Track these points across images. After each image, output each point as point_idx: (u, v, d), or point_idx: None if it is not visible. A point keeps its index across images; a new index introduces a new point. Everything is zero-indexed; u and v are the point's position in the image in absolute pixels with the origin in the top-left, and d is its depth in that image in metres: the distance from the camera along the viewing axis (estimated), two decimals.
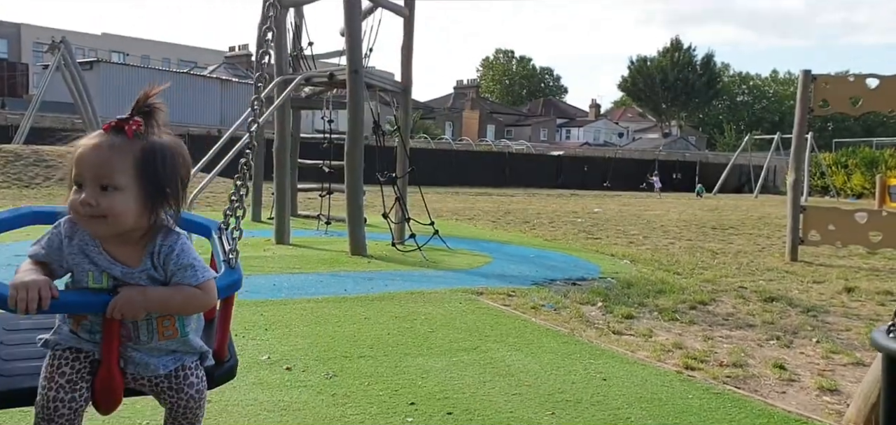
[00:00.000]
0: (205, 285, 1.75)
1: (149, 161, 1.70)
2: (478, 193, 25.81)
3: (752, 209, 21.09)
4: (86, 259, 1.73)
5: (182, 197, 1.79)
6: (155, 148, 1.73)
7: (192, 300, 1.75)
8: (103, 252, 1.72)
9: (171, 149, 1.76)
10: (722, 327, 4.90)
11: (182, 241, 1.77)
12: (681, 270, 7.54)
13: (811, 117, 9.12)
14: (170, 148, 1.76)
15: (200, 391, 1.86)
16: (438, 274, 6.69)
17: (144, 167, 1.69)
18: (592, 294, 5.79)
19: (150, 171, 1.70)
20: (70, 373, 1.74)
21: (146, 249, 1.74)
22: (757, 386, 3.59)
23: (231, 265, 1.97)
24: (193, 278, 1.73)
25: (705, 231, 12.94)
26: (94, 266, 1.72)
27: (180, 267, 1.73)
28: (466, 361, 3.75)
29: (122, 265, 1.72)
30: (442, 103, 75.92)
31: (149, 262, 1.73)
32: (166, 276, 1.74)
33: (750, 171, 37.58)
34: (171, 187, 1.74)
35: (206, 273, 1.77)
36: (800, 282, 7.08)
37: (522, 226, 12.90)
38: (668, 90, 72.39)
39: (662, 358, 3.99)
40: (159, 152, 1.73)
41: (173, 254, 1.74)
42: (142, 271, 1.72)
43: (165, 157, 1.73)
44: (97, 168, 1.66)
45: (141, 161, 1.69)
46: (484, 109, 74.27)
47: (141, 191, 1.69)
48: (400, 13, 8.92)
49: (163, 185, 1.72)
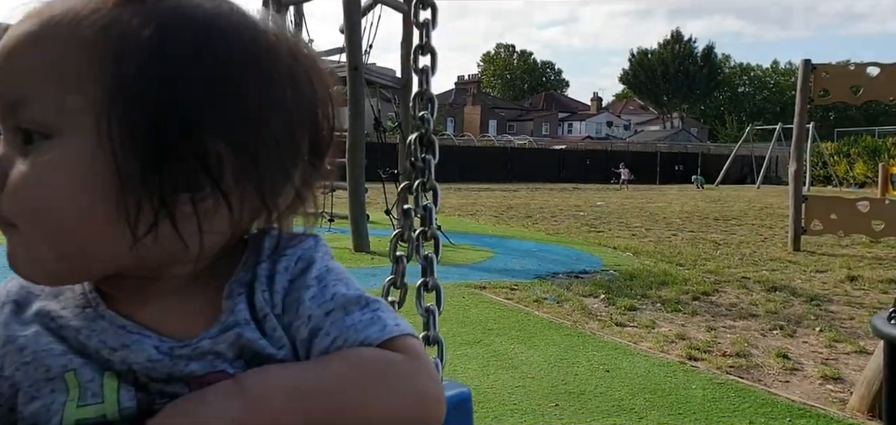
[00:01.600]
0: (406, 343, 0.63)
1: (151, 52, 0.56)
2: (480, 189, 25.83)
3: (754, 200, 21.07)
4: (59, 345, 0.60)
5: (279, 175, 0.62)
6: (181, 15, 0.58)
7: (386, 379, 0.60)
8: (107, 312, 0.61)
9: (241, 26, 0.60)
10: (725, 317, 4.91)
11: (324, 250, 0.68)
12: (683, 262, 7.55)
13: (812, 107, 9.11)
14: (238, 24, 0.60)
15: None
16: (441, 269, 6.65)
17: (136, 72, 0.55)
18: (595, 286, 5.80)
19: (148, 84, 0.55)
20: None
21: (231, 284, 0.62)
22: (760, 375, 3.60)
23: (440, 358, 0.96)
24: (375, 327, 0.62)
25: (708, 222, 12.94)
26: (79, 359, 0.59)
27: (336, 305, 0.63)
28: (470, 354, 3.77)
29: (159, 336, 0.60)
30: (443, 99, 75.89)
31: (244, 310, 0.61)
32: (296, 343, 0.62)
33: (752, 162, 37.52)
34: (229, 135, 0.57)
35: (401, 323, 0.64)
36: (802, 271, 7.08)
37: (525, 220, 12.91)
38: (670, 82, 72.28)
39: (665, 348, 4.01)
40: (184, 26, 0.57)
41: (311, 275, 0.64)
42: (221, 335, 0.60)
43: (200, 43, 0.57)
44: (9, 85, 0.57)
45: (125, 52, 0.55)
46: (485, 104, 74.27)
47: (114, 143, 0.55)
48: (399, 9, 8.93)
49: (191, 127, 0.56)
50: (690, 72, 72.21)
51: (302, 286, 0.62)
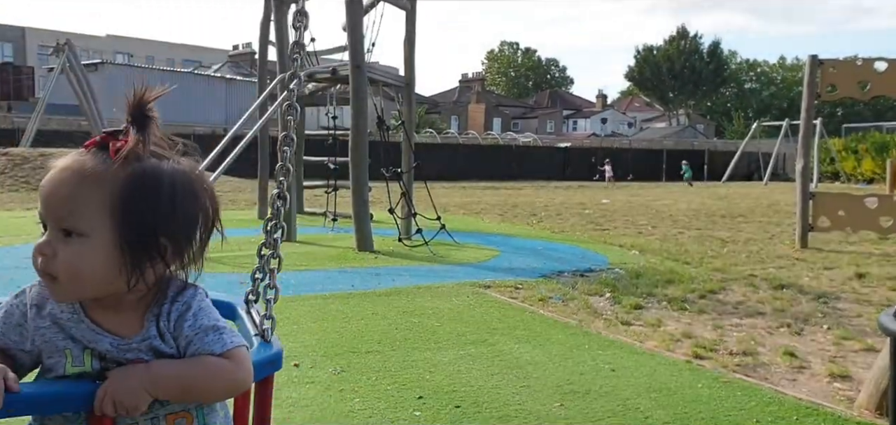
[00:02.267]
0: (235, 354, 1.19)
1: (132, 194, 1.14)
2: (484, 187, 25.78)
3: (761, 196, 20.98)
4: (61, 334, 1.18)
5: (195, 252, 1.22)
6: (146, 175, 1.15)
7: (219, 375, 1.18)
8: (85, 318, 1.18)
9: (173, 178, 1.18)
10: (732, 316, 4.87)
11: (199, 297, 1.24)
12: (690, 260, 7.50)
13: (819, 103, 9.05)
14: (172, 176, 1.18)
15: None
16: (445, 268, 6.68)
17: (125, 203, 1.13)
18: (601, 285, 5.77)
19: (131, 210, 1.14)
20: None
21: (149, 312, 1.20)
22: (767, 373, 3.57)
23: (266, 338, 1.46)
24: (218, 344, 1.18)
25: (714, 219, 12.88)
26: (71, 342, 1.17)
27: (200, 330, 1.19)
28: (474, 354, 3.74)
29: (111, 335, 1.17)
30: (447, 97, 75.86)
31: (153, 329, 1.19)
32: (179, 349, 1.20)
33: (759, 159, 37.36)
34: (169, 235, 1.17)
35: (237, 339, 1.22)
36: (810, 268, 7.03)
37: (530, 218, 12.88)
38: (675, 79, 72.04)
39: (672, 347, 3.97)
40: (151, 181, 1.16)
41: (189, 313, 1.20)
42: (142, 341, 1.17)
43: (161, 190, 1.16)
44: (58, 205, 1.13)
45: (121, 194, 1.13)
46: (489, 102, 74.17)
47: (116, 240, 1.13)
48: (401, 7, 8.90)
49: (152, 232, 1.15)
50: (696, 68, 71.96)
51: (184, 319, 1.20)
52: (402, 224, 8.68)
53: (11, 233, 8.44)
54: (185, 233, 1.20)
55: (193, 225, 1.21)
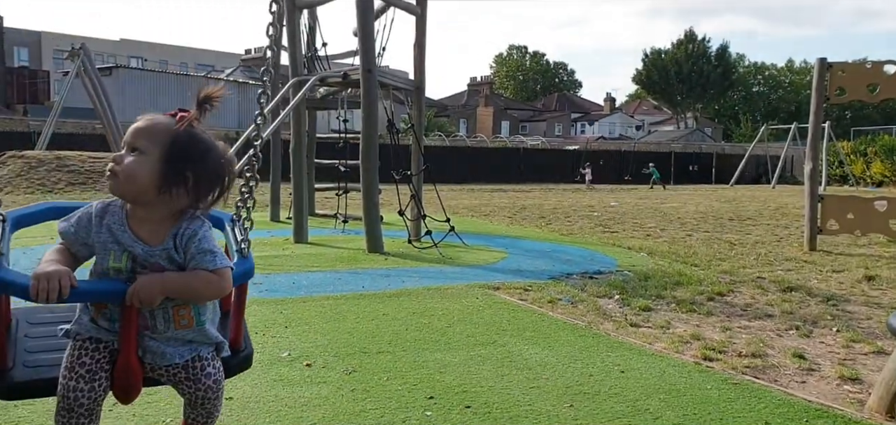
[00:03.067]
0: (221, 271, 1.80)
1: (180, 142, 1.80)
2: (493, 189, 25.80)
3: (769, 199, 20.91)
4: (111, 237, 1.78)
5: (208, 195, 1.86)
6: (193, 135, 1.82)
7: (209, 285, 1.78)
8: (128, 230, 1.79)
9: (208, 143, 1.85)
10: (740, 318, 4.88)
11: (205, 228, 1.84)
12: (698, 262, 7.51)
13: (828, 106, 9.03)
14: (208, 142, 1.85)
15: (218, 381, 1.90)
16: (455, 270, 6.71)
17: (173, 145, 1.79)
18: (609, 287, 5.79)
19: (176, 150, 1.78)
20: (90, 363, 1.78)
21: (169, 231, 1.80)
22: (776, 375, 3.58)
23: (244, 254, 2.02)
24: (212, 263, 1.78)
25: (723, 222, 12.86)
26: (116, 245, 1.78)
27: (200, 251, 1.78)
28: (484, 355, 3.77)
29: (143, 243, 1.78)
30: (456, 100, 75.89)
31: (171, 243, 1.78)
32: (185, 260, 1.79)
33: (767, 162, 37.22)
34: (194, 175, 1.80)
35: (224, 261, 1.82)
36: (819, 271, 7.02)
37: (538, 221, 12.89)
38: (683, 82, 71.81)
39: (680, 349, 3.99)
40: (195, 140, 1.82)
41: (195, 238, 1.79)
42: (163, 250, 1.78)
43: (198, 147, 1.82)
44: (136, 133, 1.79)
45: (173, 139, 1.79)
46: (498, 106, 74.16)
47: (160, 163, 1.77)
48: (412, 12, 8.95)
49: (184, 168, 1.79)
50: (704, 71, 71.70)
51: (191, 241, 1.80)
52: (412, 226, 8.73)
53: (28, 236, 8.50)
54: (206, 181, 1.84)
55: (213, 180, 1.86)
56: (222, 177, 1.88)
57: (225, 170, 1.88)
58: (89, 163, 18.24)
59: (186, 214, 1.83)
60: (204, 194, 1.84)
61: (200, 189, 1.82)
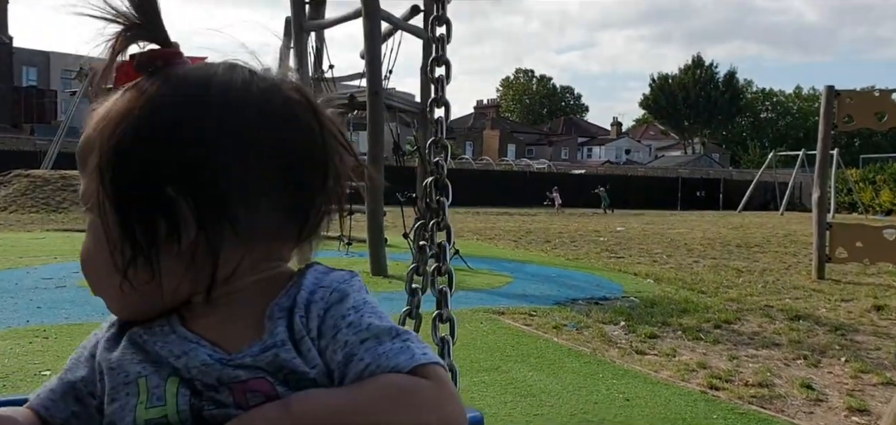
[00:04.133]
0: (433, 371, 0.71)
1: (137, 122, 0.71)
2: (498, 213, 25.80)
3: (777, 226, 20.82)
4: (137, 355, 0.74)
5: (263, 211, 0.74)
6: (166, 85, 0.74)
7: (413, 402, 0.68)
8: (178, 326, 0.75)
9: (203, 80, 0.75)
10: (747, 346, 4.83)
11: (358, 283, 0.78)
12: (705, 289, 7.46)
13: (836, 133, 9.01)
14: (202, 78, 0.75)
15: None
16: (459, 294, 6.68)
17: (123, 141, 0.71)
18: (615, 313, 5.75)
19: (130, 151, 0.71)
20: None
21: (274, 304, 0.74)
22: (783, 406, 3.53)
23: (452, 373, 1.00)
24: (404, 355, 0.70)
25: (730, 249, 12.79)
26: (151, 365, 0.73)
27: (367, 334, 0.71)
28: (488, 381, 3.73)
29: (213, 345, 0.72)
30: (462, 123, 76.18)
31: (282, 330, 0.72)
32: (329, 366, 0.72)
33: (775, 188, 37.12)
34: (182, 177, 0.70)
35: (427, 350, 0.73)
36: (827, 300, 6.96)
37: (544, 245, 12.86)
38: (691, 107, 71.96)
39: (686, 377, 3.95)
40: (170, 95, 0.73)
41: (345, 305, 0.74)
42: (262, 352, 0.71)
43: (185, 105, 0.72)
44: (79, 167, 0.80)
45: (121, 129, 0.72)
46: (504, 129, 74.42)
47: (110, 209, 0.71)
48: (419, 35, 9.00)
49: (157, 185, 0.70)
50: (712, 97, 71.86)
51: (338, 315, 0.72)
52: None
53: (31, 254, 8.56)
54: (235, 186, 0.73)
55: (269, 164, 0.75)
56: (286, 146, 0.75)
57: (285, 125, 0.75)
58: None
59: (302, 271, 0.78)
60: (262, 212, 0.74)
61: (244, 204, 0.73)
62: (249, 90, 0.75)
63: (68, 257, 6.86)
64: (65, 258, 7.01)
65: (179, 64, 0.76)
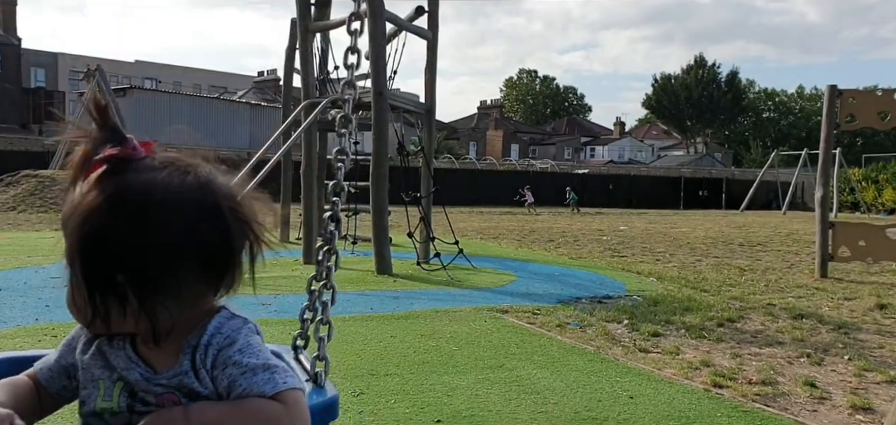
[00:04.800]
0: (289, 396, 1.01)
1: (94, 222, 0.97)
2: (502, 212, 25.81)
3: (780, 225, 20.81)
4: (98, 360, 1.08)
5: (183, 285, 1.01)
6: (112, 195, 0.98)
7: (270, 420, 1.00)
8: (127, 348, 1.06)
9: (143, 190, 0.99)
10: (750, 344, 4.85)
11: (248, 331, 1.07)
12: (708, 287, 7.48)
13: (838, 132, 9.02)
14: (142, 189, 0.99)
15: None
16: (463, 292, 6.71)
17: (85, 236, 0.98)
18: (618, 312, 5.77)
19: (90, 244, 0.98)
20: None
21: (187, 343, 1.04)
22: (787, 404, 3.55)
23: (318, 383, 1.30)
24: (270, 385, 1.01)
25: (733, 248, 12.80)
26: (106, 371, 1.07)
27: (248, 368, 1.01)
28: (492, 379, 3.76)
29: (144, 367, 1.05)
30: (466, 123, 76.19)
31: (187, 363, 1.03)
32: (218, 387, 1.03)
33: (777, 188, 37.08)
34: (131, 272, 0.97)
35: (292, 379, 1.03)
36: (830, 298, 6.97)
37: (547, 244, 12.88)
38: (693, 107, 71.90)
39: (690, 375, 3.97)
40: (116, 203, 0.98)
41: (233, 348, 1.03)
42: (173, 376, 1.03)
43: (125, 212, 0.97)
44: None
45: (84, 223, 0.98)
46: (508, 129, 74.39)
47: (78, 277, 1.00)
48: (423, 36, 9.03)
49: (107, 271, 0.97)
50: (714, 97, 71.80)
51: (227, 355, 1.03)
52: (421, 248, 8.74)
53: (40, 254, 8.61)
54: (161, 262, 1.00)
55: (179, 249, 1.02)
56: (204, 236, 1.01)
57: (203, 219, 1.01)
58: None
59: (206, 313, 1.06)
60: (182, 286, 1.01)
61: (165, 285, 0.99)
62: (178, 196, 1.01)
63: None
64: None
65: (132, 157, 1.03)
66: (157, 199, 0.99)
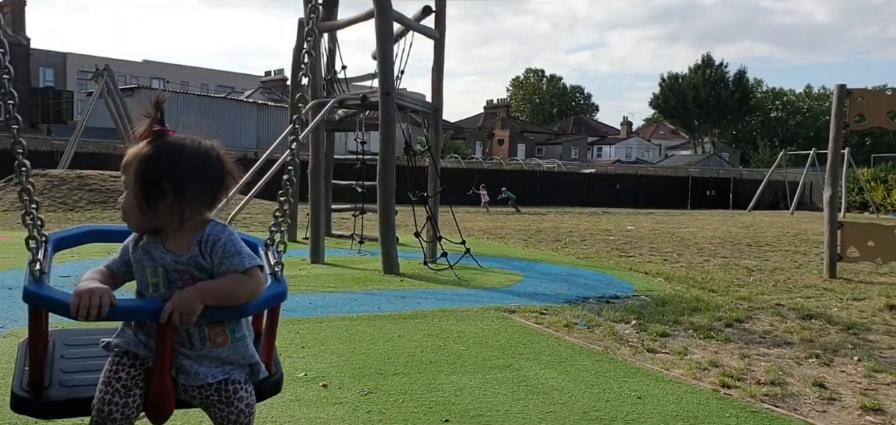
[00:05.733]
0: (251, 271, 1.83)
1: (149, 158, 1.81)
2: (508, 212, 25.78)
3: (788, 226, 20.71)
4: (145, 255, 1.86)
5: (200, 196, 1.86)
6: (159, 146, 1.82)
7: (242, 285, 1.81)
8: (159, 245, 1.85)
9: (177, 146, 1.85)
10: (759, 345, 4.83)
11: (229, 231, 1.88)
12: (716, 288, 7.45)
13: (847, 132, 8.97)
14: (176, 145, 1.85)
15: (250, 405, 1.91)
16: (470, 292, 6.71)
17: (143, 164, 1.80)
18: (626, 312, 5.76)
19: (146, 168, 1.80)
20: (126, 379, 1.82)
21: (194, 239, 1.84)
22: (796, 404, 3.54)
23: (277, 277, 2.01)
24: (240, 265, 1.82)
25: (740, 248, 12.76)
26: (150, 261, 1.85)
27: (227, 254, 1.83)
28: (500, 379, 3.76)
29: (172, 254, 1.83)
30: (472, 123, 76.15)
31: (197, 249, 1.83)
32: (213, 265, 1.83)
33: (785, 188, 36.90)
34: (172, 185, 1.80)
35: (253, 260, 1.85)
36: (839, 299, 6.94)
37: (554, 244, 12.86)
38: (701, 107, 71.66)
39: (698, 376, 3.96)
40: (161, 149, 1.82)
41: (220, 242, 1.83)
42: (190, 258, 1.83)
43: (168, 156, 1.82)
44: (122, 170, 1.87)
45: (142, 159, 1.81)
46: (514, 128, 74.32)
47: (137, 188, 1.80)
48: (430, 36, 9.03)
49: (158, 183, 1.79)
50: (722, 96, 71.53)
51: (219, 246, 1.84)
52: (428, 247, 8.74)
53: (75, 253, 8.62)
54: (190, 185, 1.86)
55: (198, 179, 1.88)
56: (208, 172, 1.87)
57: (208, 165, 1.88)
58: (110, 182, 18.46)
59: (208, 221, 1.88)
60: (195, 197, 1.84)
61: (187, 194, 1.82)
62: (196, 151, 1.89)
63: (86, 255, 6.92)
64: (82, 256, 7.08)
65: (166, 134, 1.86)
66: (185, 148, 1.87)
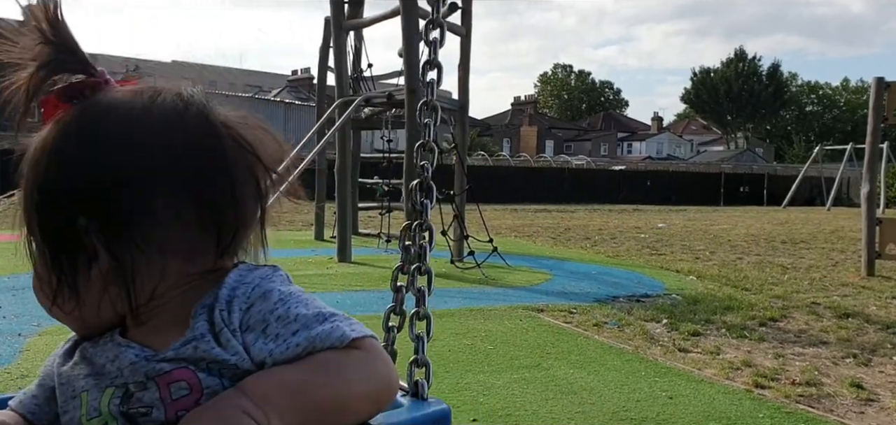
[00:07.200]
0: (365, 343, 0.80)
1: (34, 168, 0.79)
2: (537, 210, 25.65)
3: (824, 222, 20.28)
4: (85, 369, 0.82)
5: (175, 226, 0.80)
6: (52, 131, 0.79)
7: (356, 371, 0.78)
8: (115, 334, 0.83)
9: (118, 111, 0.80)
10: (794, 344, 4.72)
11: (279, 278, 0.85)
12: (749, 286, 7.31)
13: (885, 126, 8.74)
14: (117, 109, 0.80)
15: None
16: (498, 291, 6.68)
17: (45, 177, 0.79)
18: (657, 311, 5.68)
19: (36, 189, 0.79)
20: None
21: (195, 308, 0.79)
22: (832, 405, 3.45)
23: (421, 394, 1.09)
24: (337, 334, 0.78)
25: (775, 245, 12.52)
26: (93, 380, 0.81)
27: (298, 325, 0.79)
28: (528, 378, 3.73)
29: (141, 347, 0.79)
30: (499, 120, 75.97)
31: (203, 325, 0.78)
32: (254, 349, 0.78)
33: (821, 183, 36.14)
34: (89, 205, 0.77)
35: (357, 325, 0.82)
36: (877, 297, 6.76)
37: (583, 242, 12.75)
38: (733, 101, 70.59)
39: (731, 375, 3.88)
40: (52, 140, 0.79)
41: (269, 300, 0.80)
42: (183, 345, 0.77)
43: (65, 144, 0.78)
44: None
45: (43, 164, 0.79)
46: (542, 125, 73.97)
47: (41, 238, 0.80)
48: (457, 32, 9.01)
49: (62, 211, 0.78)
50: (755, 90, 70.38)
51: (266, 310, 0.79)
52: (455, 246, 8.73)
53: None
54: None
55: (177, 185, 0.81)
56: (202, 162, 0.80)
57: (199, 145, 0.81)
58: None
59: (227, 272, 0.83)
60: (174, 227, 0.79)
61: (158, 224, 0.78)
62: (149, 113, 0.79)
63: None
64: None
65: (102, 92, 0.80)
66: (117, 117, 0.77)
